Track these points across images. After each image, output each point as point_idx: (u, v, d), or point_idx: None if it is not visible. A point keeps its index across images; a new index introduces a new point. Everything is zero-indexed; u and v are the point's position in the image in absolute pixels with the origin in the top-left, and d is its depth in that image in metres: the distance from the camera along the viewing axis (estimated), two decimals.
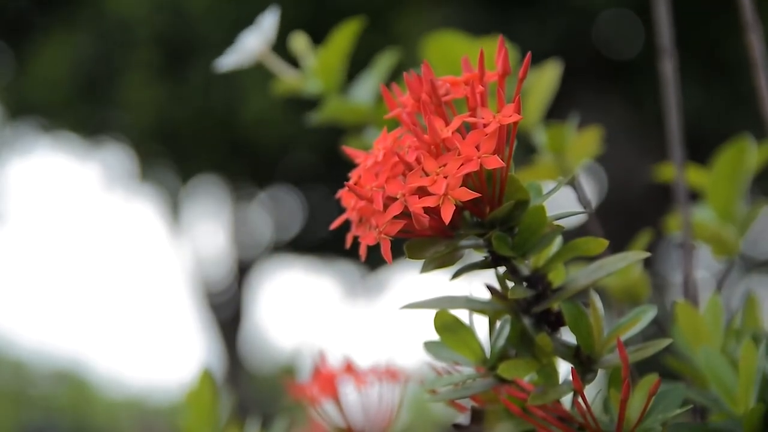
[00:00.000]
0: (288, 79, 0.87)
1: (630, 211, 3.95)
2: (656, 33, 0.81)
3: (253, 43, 0.85)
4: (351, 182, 0.52)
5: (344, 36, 0.85)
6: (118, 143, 4.61)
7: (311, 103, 0.89)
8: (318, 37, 0.90)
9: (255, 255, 5.48)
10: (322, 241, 5.07)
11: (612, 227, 0.86)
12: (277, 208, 5.23)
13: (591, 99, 3.89)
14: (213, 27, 3.68)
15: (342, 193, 0.54)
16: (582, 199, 0.80)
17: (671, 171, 0.83)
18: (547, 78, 0.83)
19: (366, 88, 0.86)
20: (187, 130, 4.12)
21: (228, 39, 0.89)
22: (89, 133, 4.54)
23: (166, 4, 3.80)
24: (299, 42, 0.87)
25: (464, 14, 3.53)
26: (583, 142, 0.83)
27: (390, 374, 0.78)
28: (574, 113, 0.85)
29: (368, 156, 0.53)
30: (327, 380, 0.76)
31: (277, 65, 0.87)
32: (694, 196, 0.85)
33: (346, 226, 0.55)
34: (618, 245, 0.65)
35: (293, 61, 0.89)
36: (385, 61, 0.86)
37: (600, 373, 0.56)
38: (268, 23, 0.85)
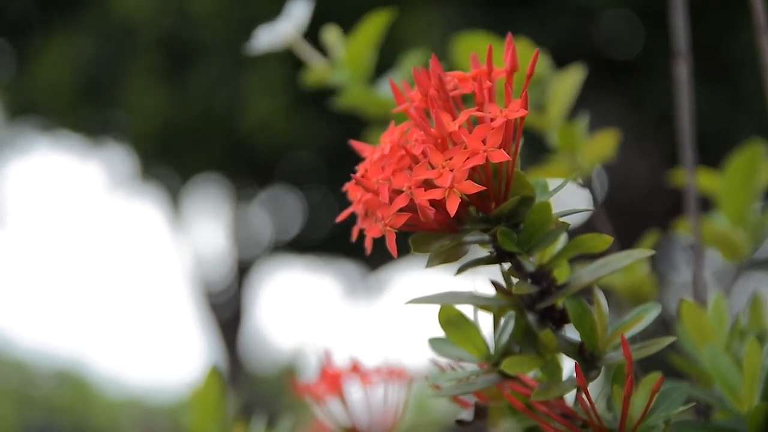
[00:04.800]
0: (317, 68, 0.88)
1: (630, 211, 3.95)
2: (672, 37, 0.82)
3: (285, 28, 0.85)
4: (358, 175, 0.52)
5: (373, 26, 0.86)
6: (120, 143, 4.61)
7: (316, 103, 0.90)
8: (318, 37, 0.91)
9: (255, 255, 5.48)
10: (322, 240, 5.07)
11: (611, 227, 0.86)
12: (277, 208, 5.23)
13: (591, 99, 3.88)
14: (216, 30, 3.68)
15: (348, 186, 0.54)
16: (595, 198, 0.81)
17: (683, 176, 0.83)
18: (570, 82, 0.83)
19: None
20: (189, 133, 4.12)
21: (231, 42, 0.90)
22: (90, 134, 4.54)
23: (170, 7, 3.79)
24: (331, 33, 0.88)
25: (464, 14, 3.53)
26: (598, 144, 0.83)
27: (394, 374, 0.78)
28: (581, 113, 0.86)
29: (375, 149, 0.53)
30: (333, 379, 0.76)
31: (307, 53, 0.88)
32: (704, 200, 0.85)
33: (348, 225, 0.55)
34: (617, 244, 0.65)
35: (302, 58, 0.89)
36: (411, 59, 0.86)
37: (603, 370, 0.56)
38: (300, 11, 0.86)
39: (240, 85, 3.69)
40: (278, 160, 4.57)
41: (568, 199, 0.82)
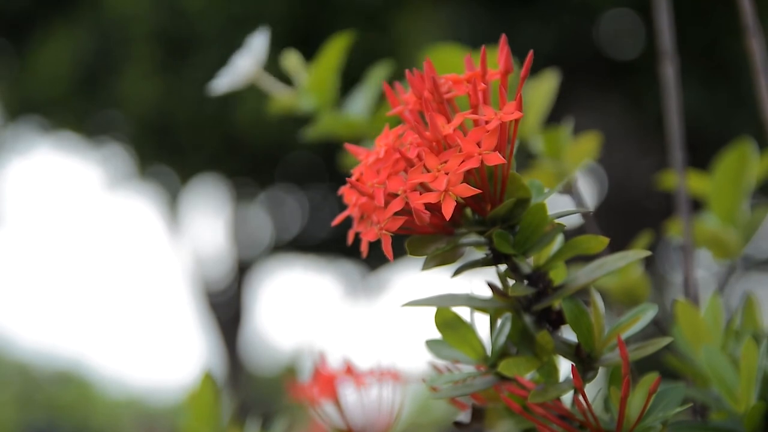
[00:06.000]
0: (282, 97, 0.87)
1: (629, 211, 3.95)
2: (657, 37, 0.82)
3: (245, 64, 0.85)
4: (353, 179, 0.52)
5: (335, 51, 0.85)
6: (118, 142, 4.61)
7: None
8: (316, 37, 0.90)
9: (255, 255, 5.48)
10: (322, 240, 5.07)
11: (611, 227, 0.86)
12: (277, 208, 5.23)
13: (591, 99, 3.89)
14: (210, 23, 3.69)
15: (344, 190, 0.54)
16: (581, 205, 0.81)
17: (673, 179, 0.83)
18: (545, 88, 0.83)
19: (360, 101, 0.86)
20: (186, 127, 4.12)
21: (225, 36, 0.90)
22: (89, 132, 4.54)
23: (164, 1, 3.80)
24: (291, 60, 0.87)
25: (464, 14, 3.53)
26: (582, 147, 0.83)
27: (390, 375, 0.78)
28: (569, 116, 0.85)
29: (370, 153, 0.53)
30: (327, 381, 0.76)
31: (271, 84, 0.87)
32: (696, 203, 0.85)
33: (347, 225, 0.55)
34: (617, 245, 0.65)
35: (287, 75, 0.89)
36: (378, 74, 0.86)
37: (600, 371, 0.57)
38: (258, 44, 0.86)
39: None
40: (278, 158, 4.57)
41: (564, 201, 0.83)
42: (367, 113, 0.85)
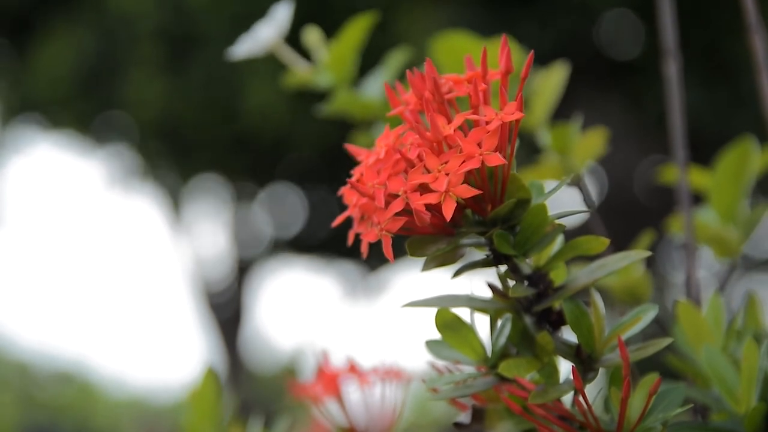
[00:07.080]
0: (299, 71, 0.87)
1: (630, 211, 3.95)
2: (660, 35, 0.82)
3: (266, 33, 0.85)
4: (353, 179, 0.52)
5: (356, 30, 0.86)
6: (120, 141, 4.61)
7: (312, 97, 0.90)
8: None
9: (255, 254, 5.48)
10: (322, 240, 5.07)
11: (612, 227, 0.86)
12: (277, 208, 5.23)
13: (591, 99, 3.89)
14: (214, 22, 3.69)
15: (344, 190, 0.54)
16: (587, 199, 0.81)
17: (674, 173, 0.83)
18: (554, 80, 0.83)
19: (377, 83, 0.87)
20: (189, 126, 4.12)
21: (229, 33, 0.90)
22: (91, 132, 4.54)
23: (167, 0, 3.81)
24: (312, 35, 0.88)
25: (465, 14, 3.53)
26: (588, 143, 0.83)
27: (392, 374, 0.78)
28: (576, 113, 0.85)
29: (370, 153, 0.53)
30: (330, 379, 0.76)
31: (289, 57, 0.87)
32: (697, 198, 0.85)
33: (347, 225, 0.55)
34: (618, 245, 0.65)
35: (300, 55, 0.89)
36: (396, 58, 0.86)
37: (601, 372, 0.56)
38: (282, 15, 0.86)
39: (239, 76, 3.68)
40: (279, 157, 4.56)
41: (566, 200, 0.83)
42: (383, 96, 0.86)
